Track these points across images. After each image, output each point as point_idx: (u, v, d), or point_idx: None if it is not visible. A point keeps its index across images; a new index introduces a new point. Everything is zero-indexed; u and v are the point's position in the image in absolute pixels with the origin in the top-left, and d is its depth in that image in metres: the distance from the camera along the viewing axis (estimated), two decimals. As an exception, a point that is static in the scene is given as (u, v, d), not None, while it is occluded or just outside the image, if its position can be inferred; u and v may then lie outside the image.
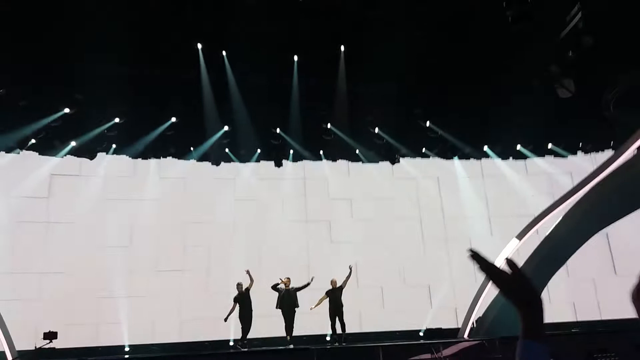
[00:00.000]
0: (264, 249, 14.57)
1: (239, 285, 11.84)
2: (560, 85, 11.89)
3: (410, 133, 14.70)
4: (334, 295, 12.08)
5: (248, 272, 11.74)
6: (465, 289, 14.69)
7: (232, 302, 11.73)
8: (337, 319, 11.97)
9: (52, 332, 10.98)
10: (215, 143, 14.13)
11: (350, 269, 12.23)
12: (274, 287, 11.90)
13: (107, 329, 13.31)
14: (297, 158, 15.31)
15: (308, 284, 11.95)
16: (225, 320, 11.59)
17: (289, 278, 12.08)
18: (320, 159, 15.44)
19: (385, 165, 15.85)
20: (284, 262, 13.91)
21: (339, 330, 11.90)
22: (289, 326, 11.67)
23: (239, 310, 11.72)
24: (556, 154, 15.57)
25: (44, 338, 10.90)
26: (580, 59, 11.24)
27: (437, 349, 8.65)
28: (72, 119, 12.57)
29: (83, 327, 12.91)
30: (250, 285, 11.78)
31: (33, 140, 12.78)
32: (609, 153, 14.22)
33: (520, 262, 11.87)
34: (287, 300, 11.75)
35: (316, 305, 11.92)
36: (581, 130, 14.70)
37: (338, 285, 12.22)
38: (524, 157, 15.88)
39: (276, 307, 11.81)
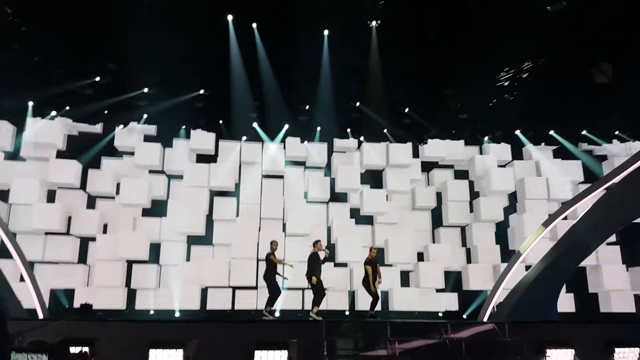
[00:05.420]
0: (288, 224, 14.67)
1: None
2: (598, 70, 11.51)
3: (440, 114, 14.50)
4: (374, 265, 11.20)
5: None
6: (488, 273, 14.68)
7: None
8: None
9: (88, 304, 11.41)
10: (243, 117, 14.22)
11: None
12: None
13: (135, 293, 13.73)
14: (324, 136, 15.28)
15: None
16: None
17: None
18: (348, 137, 15.37)
19: (413, 146, 15.73)
20: (306, 239, 14.10)
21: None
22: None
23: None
24: (590, 141, 15.15)
25: (80, 309, 11.32)
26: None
27: (446, 331, 8.64)
28: (104, 88, 12.81)
29: (112, 290, 13.35)
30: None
31: (67, 107, 13.24)
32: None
33: (546, 249, 11.76)
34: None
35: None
36: (618, 118, 14.21)
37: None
38: (557, 143, 15.50)
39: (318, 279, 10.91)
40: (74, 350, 6.19)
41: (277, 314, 11.76)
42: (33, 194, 13.53)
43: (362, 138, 15.46)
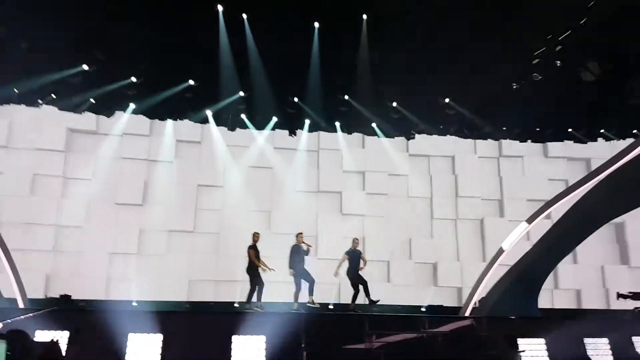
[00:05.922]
0: (274, 216, 14.70)
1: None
2: (585, 69, 11.58)
3: (428, 109, 14.51)
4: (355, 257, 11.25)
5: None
6: (471, 269, 14.80)
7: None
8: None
9: (67, 295, 11.36)
10: (231, 108, 14.16)
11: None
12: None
13: (116, 284, 13.70)
14: (312, 128, 15.27)
15: None
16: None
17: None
18: (336, 131, 15.36)
19: (400, 140, 15.82)
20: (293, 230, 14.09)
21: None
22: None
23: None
24: (576, 139, 15.26)
25: (60, 300, 11.26)
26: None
27: (424, 325, 8.76)
28: (91, 76, 12.69)
29: (93, 281, 13.31)
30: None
31: (53, 96, 13.07)
32: (630, 141, 13.91)
33: (529, 246, 11.88)
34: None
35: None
36: (603, 117, 14.33)
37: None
38: (543, 140, 15.61)
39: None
40: (45, 339, 6.19)
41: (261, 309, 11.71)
42: (19, 184, 13.47)
43: (348, 132, 15.46)
